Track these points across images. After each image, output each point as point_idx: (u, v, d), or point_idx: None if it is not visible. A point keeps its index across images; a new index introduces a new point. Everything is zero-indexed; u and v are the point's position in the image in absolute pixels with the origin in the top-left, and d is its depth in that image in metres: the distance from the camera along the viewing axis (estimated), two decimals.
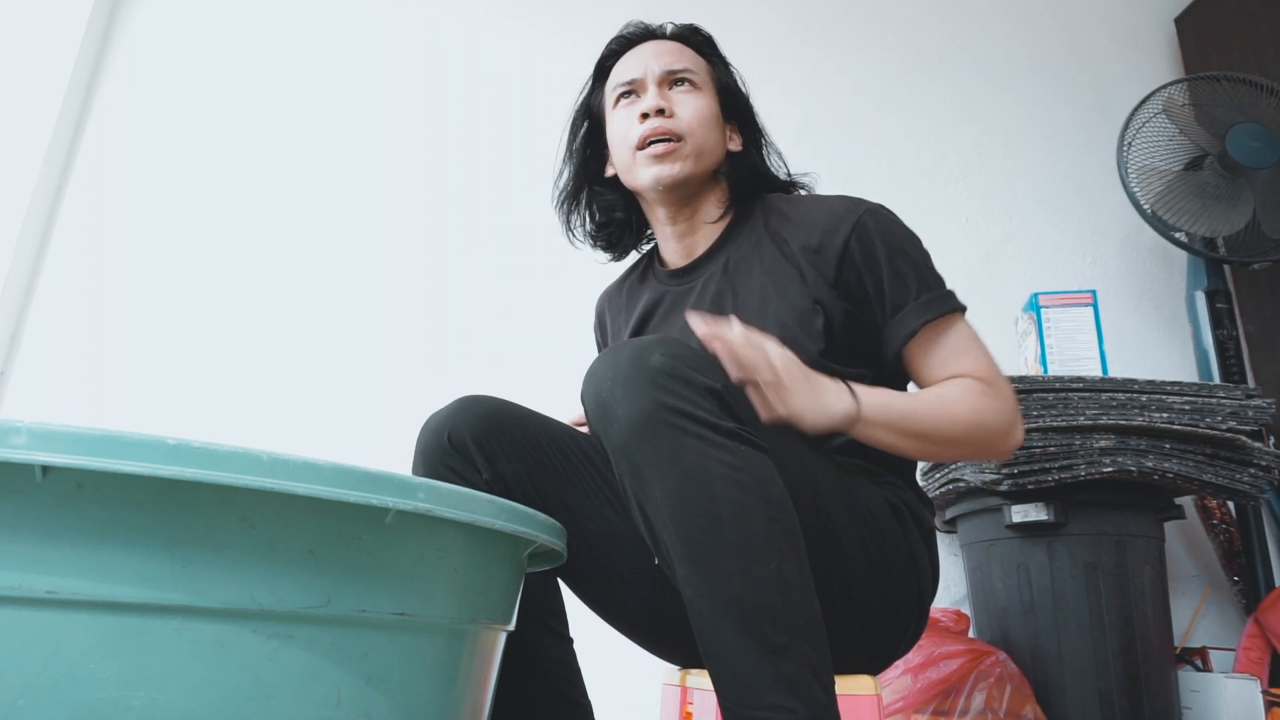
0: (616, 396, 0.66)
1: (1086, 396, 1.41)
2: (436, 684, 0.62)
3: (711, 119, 0.99)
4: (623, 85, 1.00)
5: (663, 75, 0.99)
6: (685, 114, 0.97)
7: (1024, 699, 1.31)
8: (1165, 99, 1.78)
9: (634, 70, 1.00)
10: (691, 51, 1.03)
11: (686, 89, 0.99)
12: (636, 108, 0.98)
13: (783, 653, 0.62)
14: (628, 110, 1.00)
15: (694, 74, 1.00)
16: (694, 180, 0.98)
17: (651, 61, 1.00)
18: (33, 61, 2.11)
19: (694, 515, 0.64)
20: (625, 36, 1.05)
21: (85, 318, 2.00)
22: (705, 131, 0.98)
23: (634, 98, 1.00)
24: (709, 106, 0.99)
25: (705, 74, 1.02)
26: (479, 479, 0.88)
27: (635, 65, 1.01)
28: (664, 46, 1.02)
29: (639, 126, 0.97)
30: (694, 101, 0.98)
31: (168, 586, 0.49)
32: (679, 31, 1.05)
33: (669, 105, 0.97)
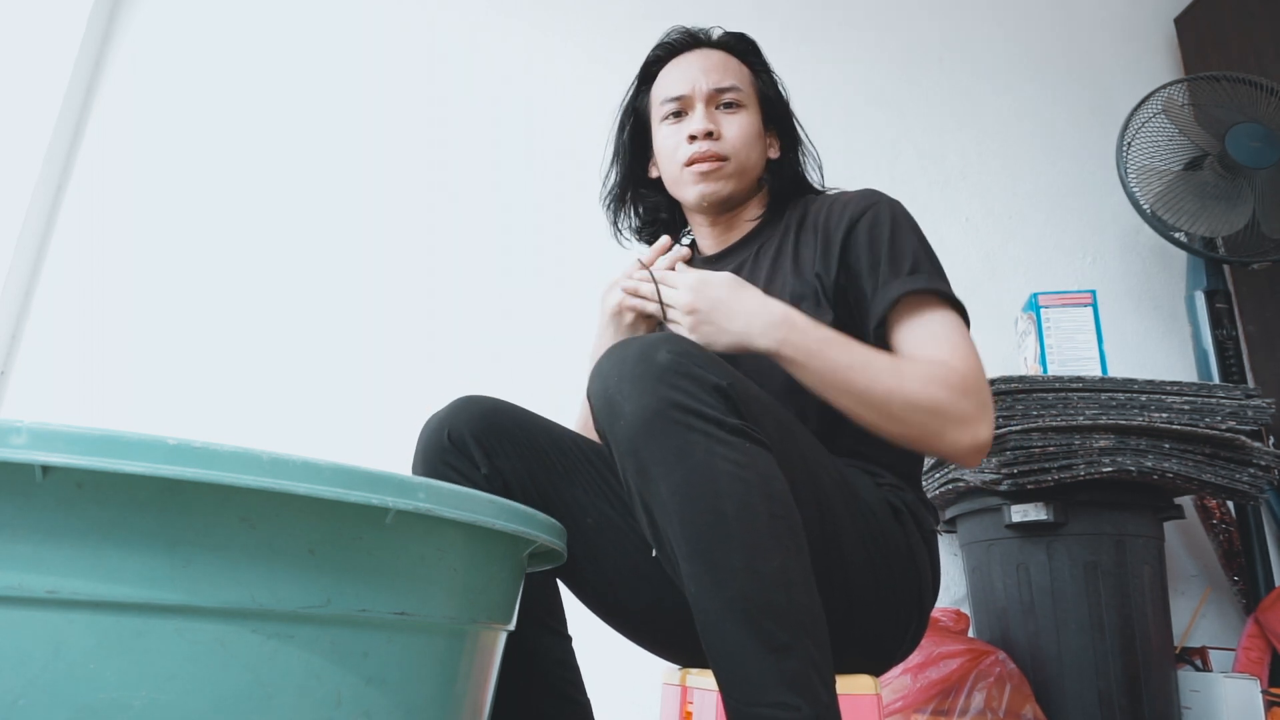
0: (624, 393, 0.66)
1: (1086, 396, 1.41)
2: (436, 684, 0.62)
3: (754, 136, 1.02)
4: (670, 102, 1.03)
5: (710, 94, 1.01)
6: (730, 134, 1.01)
7: (1023, 699, 1.31)
8: (1165, 99, 1.78)
9: (681, 86, 1.02)
10: (736, 62, 1.05)
11: (732, 109, 1.02)
12: (684, 127, 1.02)
13: (786, 650, 0.62)
14: (675, 128, 1.03)
15: (739, 91, 1.02)
16: (737, 195, 1.04)
17: (700, 78, 1.02)
18: (33, 61, 2.11)
19: (699, 512, 0.64)
20: (670, 44, 1.07)
21: (85, 318, 2.00)
22: (748, 150, 1.02)
23: (681, 116, 1.03)
24: (752, 125, 1.02)
25: (749, 87, 1.04)
26: (478, 475, 0.88)
27: (682, 80, 1.03)
28: (710, 60, 1.04)
29: (686, 146, 1.01)
30: (739, 122, 1.01)
31: (168, 586, 0.49)
32: (725, 40, 1.07)
33: (716, 127, 1.00)
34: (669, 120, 1.03)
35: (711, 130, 1.00)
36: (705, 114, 1.01)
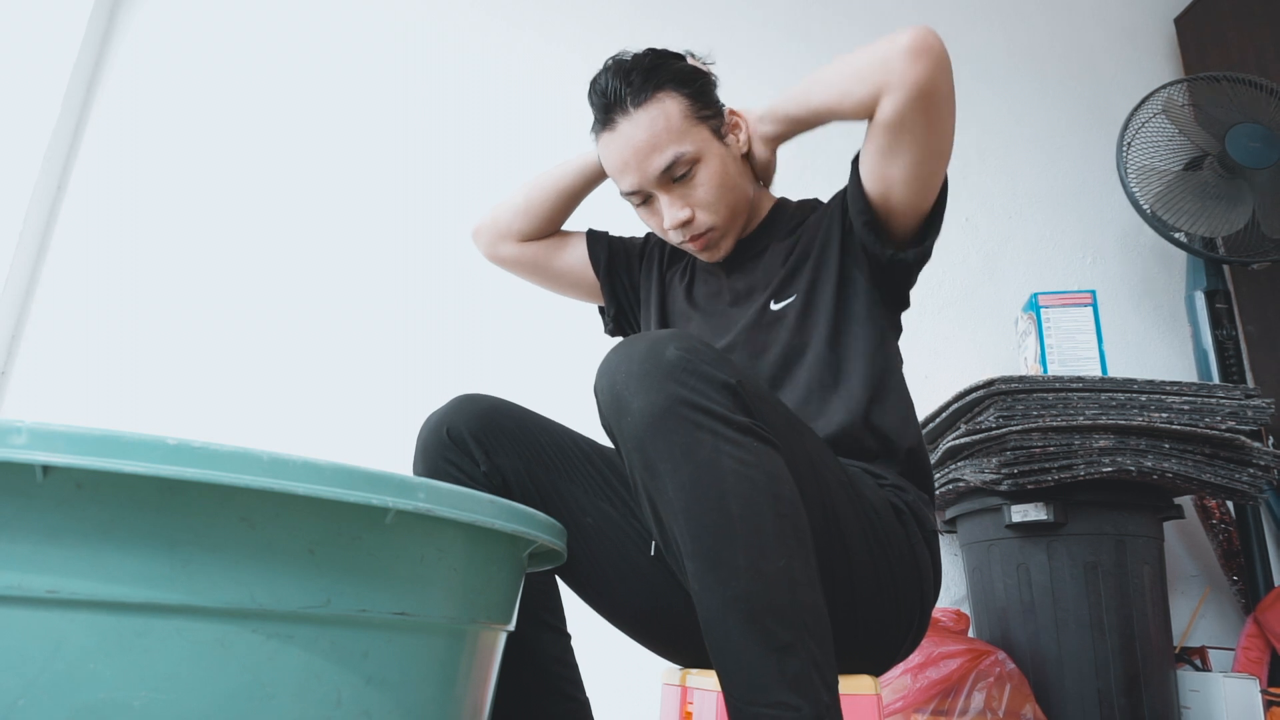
0: (631, 389, 0.66)
1: (1086, 396, 1.41)
2: (436, 684, 0.62)
3: (724, 177, 0.97)
4: (628, 196, 0.99)
5: (658, 179, 0.95)
6: (701, 201, 0.96)
7: (1023, 698, 1.31)
8: (1165, 99, 1.78)
9: (629, 180, 0.96)
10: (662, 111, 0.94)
11: (689, 176, 0.95)
12: (656, 215, 0.99)
13: (789, 650, 0.62)
14: (647, 211, 1.00)
15: (683, 151, 0.94)
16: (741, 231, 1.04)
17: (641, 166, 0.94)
18: (33, 61, 2.11)
19: (705, 510, 0.64)
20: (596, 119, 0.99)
21: (85, 318, 2.00)
22: (726, 200, 0.98)
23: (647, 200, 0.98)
24: (716, 168, 0.96)
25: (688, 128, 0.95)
26: (478, 472, 0.89)
27: (625, 173, 0.96)
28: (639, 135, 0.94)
29: (670, 234, 1.00)
30: (703, 185, 0.96)
31: (168, 586, 0.49)
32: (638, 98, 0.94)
33: (688, 209, 0.96)
34: (638, 206, 1.00)
35: (685, 218, 0.96)
36: (669, 201, 0.96)
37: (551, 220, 1.17)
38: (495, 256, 1.19)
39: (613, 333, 1.21)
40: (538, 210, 1.15)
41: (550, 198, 1.15)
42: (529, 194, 1.16)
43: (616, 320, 1.18)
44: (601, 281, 1.16)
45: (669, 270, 1.13)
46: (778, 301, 0.98)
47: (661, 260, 1.14)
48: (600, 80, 0.97)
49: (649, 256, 1.16)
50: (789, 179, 1.33)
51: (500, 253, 1.18)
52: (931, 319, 1.95)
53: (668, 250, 1.15)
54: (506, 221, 1.17)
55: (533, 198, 1.15)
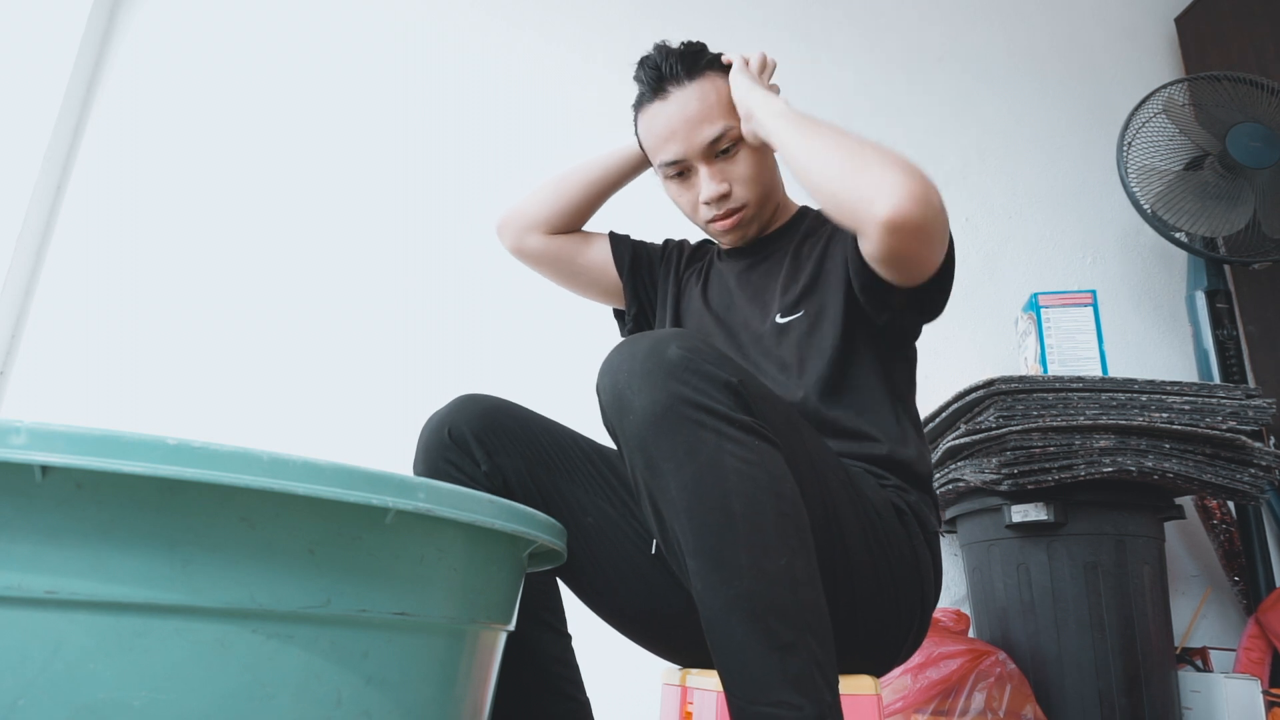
0: (634, 388, 0.66)
1: (1086, 396, 1.41)
2: (436, 684, 0.62)
3: (761, 163, 0.99)
4: (668, 166, 0.99)
5: (704, 150, 0.97)
6: (740, 177, 0.98)
7: (1024, 699, 1.31)
8: (1165, 99, 1.78)
9: (674, 149, 0.98)
10: (712, 89, 0.98)
11: (730, 153, 0.97)
12: (692, 189, 0.99)
13: (790, 649, 0.62)
14: (682, 187, 1.00)
15: (731, 128, 0.96)
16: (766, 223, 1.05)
17: (689, 136, 0.96)
18: (33, 61, 2.11)
19: (707, 509, 0.64)
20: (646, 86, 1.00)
21: (85, 317, 2.00)
22: (761, 183, 1.00)
23: (685, 174, 0.99)
24: (757, 152, 0.99)
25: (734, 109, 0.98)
26: (479, 472, 0.89)
27: (672, 141, 0.97)
28: (690, 106, 0.97)
29: (702, 208, 1.00)
30: (743, 162, 0.98)
31: (168, 586, 0.49)
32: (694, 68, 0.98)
33: (726, 184, 0.98)
34: (673, 179, 1.01)
35: (724, 191, 0.98)
36: (709, 173, 0.97)
37: (582, 213, 1.17)
38: (520, 249, 1.18)
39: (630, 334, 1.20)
40: (568, 202, 1.16)
41: (582, 189, 1.15)
42: (559, 186, 1.16)
43: (636, 321, 1.18)
44: (625, 282, 1.16)
45: (686, 272, 1.14)
46: (785, 316, 0.97)
47: (679, 264, 1.15)
48: (651, 58, 0.99)
49: (668, 260, 1.17)
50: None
51: (526, 244, 1.17)
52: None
53: (685, 254, 1.16)
54: (535, 212, 1.16)
55: (563, 189, 1.16)
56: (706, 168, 0.97)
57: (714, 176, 0.97)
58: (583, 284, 1.19)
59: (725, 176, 0.98)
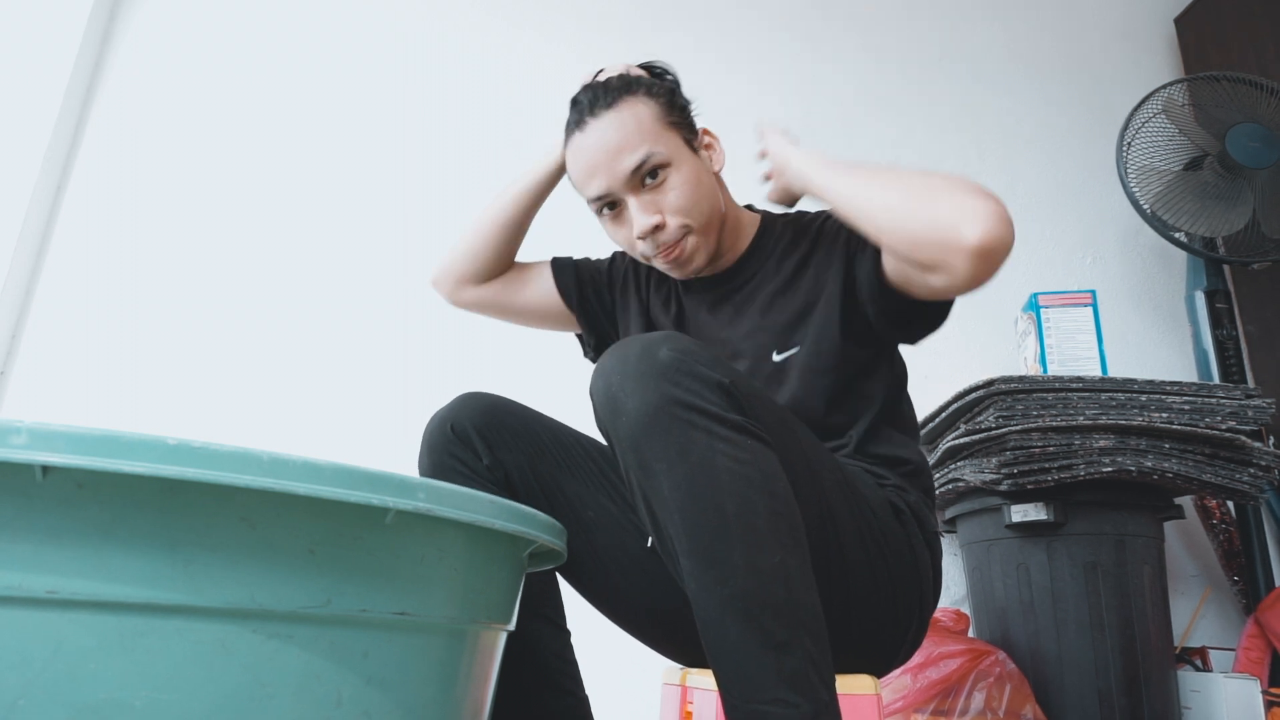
0: (626, 390, 0.67)
1: (1086, 396, 1.41)
2: (437, 684, 0.62)
3: (695, 182, 0.92)
4: (595, 202, 0.94)
5: (628, 180, 0.90)
6: (673, 206, 0.91)
7: (1023, 698, 1.31)
8: (1165, 99, 1.78)
9: (596, 184, 0.92)
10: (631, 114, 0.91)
11: (658, 177, 0.90)
12: (625, 224, 0.93)
13: (785, 647, 0.62)
14: (614, 224, 0.94)
15: (655, 153, 0.90)
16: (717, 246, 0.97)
17: (610, 167, 0.90)
18: (33, 61, 2.11)
19: (700, 509, 0.64)
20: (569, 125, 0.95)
21: (85, 317, 2.00)
22: (700, 208, 0.92)
23: (614, 207, 0.93)
24: (688, 174, 0.92)
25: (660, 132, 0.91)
26: (480, 466, 0.90)
27: (594, 176, 0.91)
28: (608, 135, 0.90)
29: (639, 244, 0.93)
30: (674, 189, 0.91)
31: (168, 586, 0.49)
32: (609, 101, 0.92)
33: (658, 215, 0.90)
34: (605, 216, 0.95)
35: (655, 224, 0.90)
36: (638, 205, 0.90)
37: (504, 255, 1.11)
38: (459, 303, 1.14)
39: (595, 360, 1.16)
40: (487, 249, 1.10)
41: (497, 231, 1.09)
42: (472, 234, 1.10)
43: (598, 349, 1.14)
44: (576, 314, 1.12)
45: (653, 296, 1.07)
46: (780, 352, 0.93)
47: (640, 286, 1.09)
48: (576, 95, 0.95)
49: (624, 281, 1.10)
50: None
51: (463, 298, 1.13)
52: None
53: (644, 274, 1.09)
54: (460, 266, 1.11)
55: (478, 237, 1.10)
56: (635, 199, 0.91)
57: (644, 209, 0.90)
58: (535, 320, 1.15)
59: (656, 207, 0.91)
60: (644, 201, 0.91)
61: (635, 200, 0.91)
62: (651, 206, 0.91)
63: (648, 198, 0.91)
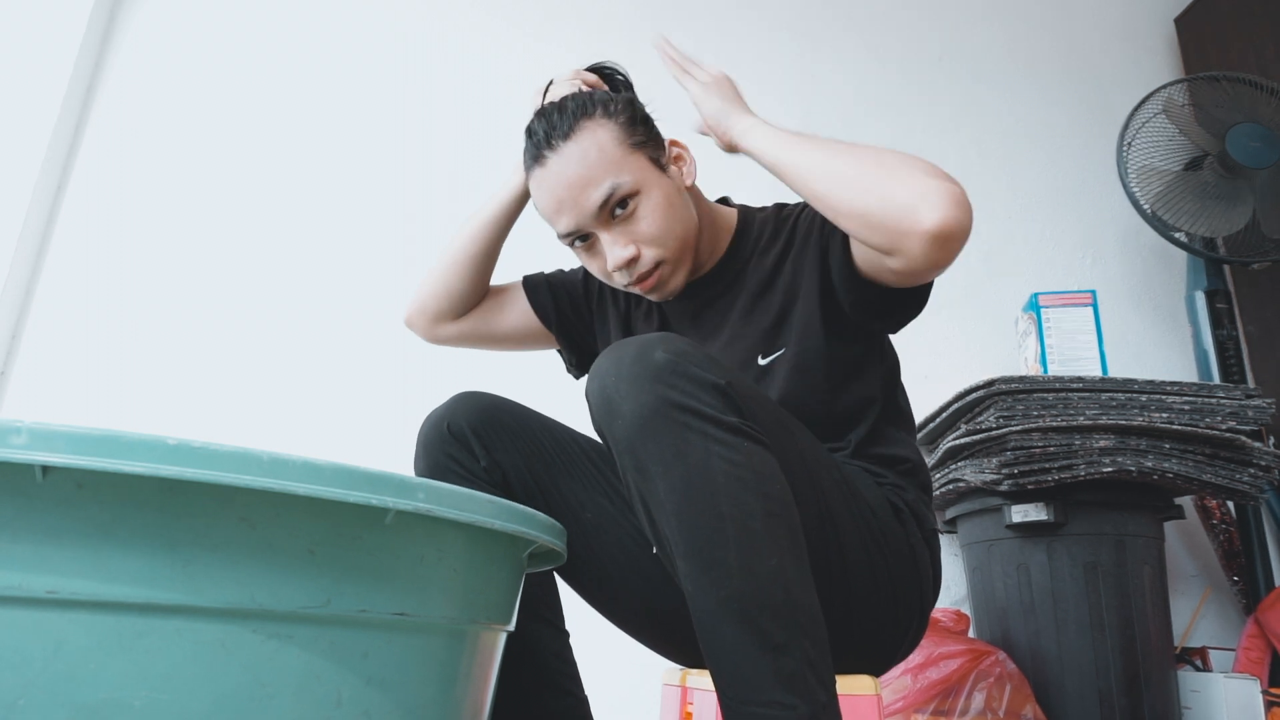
0: (621, 392, 0.66)
1: (1086, 396, 1.41)
2: (437, 684, 0.62)
3: (667, 206, 0.88)
4: (565, 238, 0.90)
5: (596, 215, 0.86)
6: (647, 236, 0.87)
7: (1024, 699, 1.31)
8: (1165, 99, 1.78)
9: (565, 222, 0.88)
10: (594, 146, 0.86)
11: (627, 207, 0.86)
12: (598, 256, 0.90)
13: (783, 649, 0.62)
14: (588, 254, 0.91)
15: (620, 184, 0.86)
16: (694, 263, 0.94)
17: (576, 203, 0.86)
18: (33, 61, 2.11)
19: (697, 511, 0.64)
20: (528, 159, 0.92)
21: (85, 317, 2.00)
22: (675, 233, 0.89)
23: (587, 241, 0.90)
24: (659, 199, 0.87)
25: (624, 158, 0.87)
26: (478, 467, 0.89)
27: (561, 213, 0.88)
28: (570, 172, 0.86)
29: (615, 275, 0.89)
30: (647, 218, 0.87)
31: (168, 586, 0.49)
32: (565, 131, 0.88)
33: (632, 247, 0.87)
34: (577, 248, 0.91)
35: (630, 256, 0.87)
36: (610, 239, 0.87)
37: (472, 290, 1.07)
38: (436, 340, 1.11)
39: (579, 375, 1.14)
40: (455, 283, 1.06)
41: (464, 265, 1.06)
42: (442, 269, 1.07)
43: (580, 367, 1.13)
44: (555, 334, 1.09)
45: (631, 309, 1.05)
46: (765, 356, 0.91)
47: (618, 298, 1.06)
48: (530, 124, 0.91)
49: (600, 294, 1.08)
50: None
51: (439, 335, 1.10)
52: (931, 319, 1.93)
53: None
54: (432, 304, 1.08)
55: (446, 272, 1.06)
56: (606, 233, 0.87)
57: (616, 241, 0.87)
58: (517, 344, 1.12)
59: (630, 238, 0.87)
60: (615, 234, 0.87)
61: (606, 234, 0.87)
62: (624, 238, 0.87)
63: (619, 229, 0.87)
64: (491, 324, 1.10)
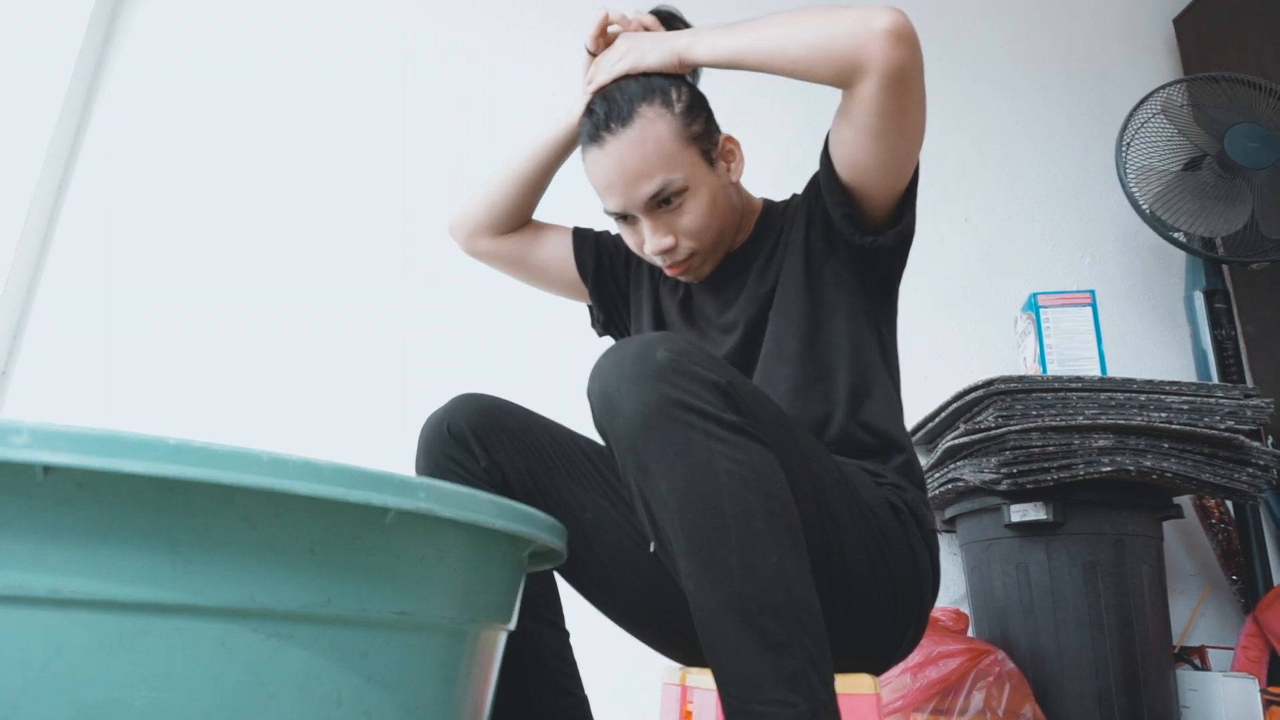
0: (623, 391, 0.67)
1: (1085, 396, 1.41)
2: (437, 683, 0.62)
3: (709, 209, 0.93)
4: (610, 214, 0.96)
5: (644, 204, 0.91)
6: (686, 229, 0.93)
7: (1023, 698, 1.31)
8: (1164, 99, 1.78)
9: (614, 203, 0.93)
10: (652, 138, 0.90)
11: (673, 203, 0.92)
12: (636, 234, 0.96)
13: (784, 647, 0.62)
14: (627, 229, 0.97)
15: (672, 180, 0.90)
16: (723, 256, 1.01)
17: (627, 191, 0.91)
18: (34, 60, 2.11)
19: (698, 510, 0.64)
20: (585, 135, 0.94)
21: (86, 317, 2.00)
22: (712, 226, 0.95)
23: (628, 220, 0.95)
24: (705, 198, 0.93)
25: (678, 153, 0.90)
26: (478, 468, 0.89)
27: (611, 194, 0.92)
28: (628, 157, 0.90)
29: (651, 256, 0.96)
30: (689, 213, 0.92)
31: (168, 586, 0.49)
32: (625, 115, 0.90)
33: (670, 237, 0.93)
34: (619, 223, 0.97)
35: (668, 245, 0.93)
36: (652, 227, 0.93)
37: (521, 210, 1.13)
38: (473, 252, 1.17)
39: (601, 333, 1.20)
40: (504, 202, 1.12)
41: (515, 186, 1.11)
42: (492, 186, 1.12)
43: (606, 325, 1.17)
44: (590, 288, 1.14)
45: (662, 281, 1.10)
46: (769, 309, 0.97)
47: (653, 269, 1.11)
48: (591, 101, 0.95)
49: (638, 261, 1.13)
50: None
51: (477, 248, 1.16)
52: (931, 319, 1.95)
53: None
54: (477, 216, 1.14)
55: (493, 189, 1.12)
56: (649, 220, 0.93)
57: (657, 230, 0.93)
58: (546, 281, 1.17)
59: (669, 229, 0.93)
60: (657, 223, 0.93)
61: (649, 222, 0.93)
62: (665, 228, 0.93)
63: (662, 219, 0.93)
64: (527, 252, 1.15)
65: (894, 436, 0.91)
